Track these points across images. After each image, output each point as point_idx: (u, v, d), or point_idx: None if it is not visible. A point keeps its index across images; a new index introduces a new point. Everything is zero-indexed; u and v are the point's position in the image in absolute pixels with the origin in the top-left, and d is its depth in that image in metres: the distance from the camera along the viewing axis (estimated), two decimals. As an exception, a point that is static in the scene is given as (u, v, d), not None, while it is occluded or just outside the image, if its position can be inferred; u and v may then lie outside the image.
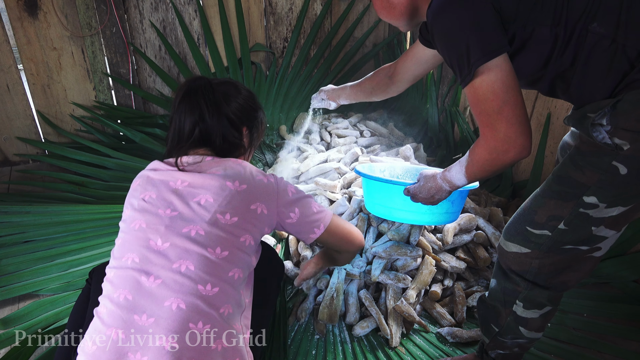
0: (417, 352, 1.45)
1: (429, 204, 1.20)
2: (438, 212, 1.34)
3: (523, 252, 1.06)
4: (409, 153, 2.06)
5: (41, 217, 1.87)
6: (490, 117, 0.91)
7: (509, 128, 0.90)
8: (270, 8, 2.66)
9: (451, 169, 1.09)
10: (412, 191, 1.22)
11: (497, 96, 0.89)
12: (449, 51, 0.93)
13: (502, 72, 0.89)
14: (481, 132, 0.95)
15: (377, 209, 1.45)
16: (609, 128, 0.90)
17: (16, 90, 2.28)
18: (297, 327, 1.53)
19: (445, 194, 1.15)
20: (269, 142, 2.55)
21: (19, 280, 1.64)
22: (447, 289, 1.64)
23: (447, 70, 2.44)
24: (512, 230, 1.09)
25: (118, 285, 0.96)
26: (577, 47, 0.90)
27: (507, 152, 0.92)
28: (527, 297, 1.10)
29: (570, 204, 0.98)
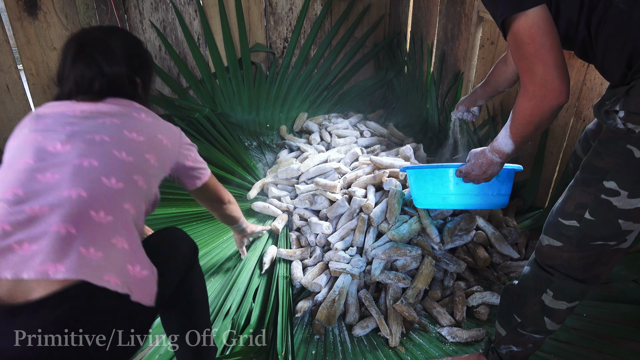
0: (417, 352, 1.45)
1: (482, 181, 1.22)
2: (491, 193, 1.36)
3: (555, 245, 1.08)
4: (409, 153, 2.06)
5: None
6: (528, 61, 0.92)
7: (545, 70, 0.91)
8: (270, 8, 2.66)
9: (498, 137, 1.10)
10: (464, 171, 1.24)
11: (533, 39, 0.90)
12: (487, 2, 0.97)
13: (539, 18, 0.90)
14: (521, 80, 0.97)
15: (429, 199, 1.45)
16: (623, 114, 0.92)
17: (16, 91, 2.28)
18: (297, 327, 1.53)
19: (498, 166, 1.16)
20: (269, 142, 2.55)
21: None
22: (447, 288, 1.64)
23: (447, 70, 2.45)
24: (548, 224, 1.11)
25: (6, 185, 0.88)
26: (600, 20, 0.92)
27: (545, 97, 0.93)
28: (559, 286, 1.11)
29: (592, 189, 1.01)
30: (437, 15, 2.44)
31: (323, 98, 2.86)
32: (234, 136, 2.50)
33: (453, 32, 2.31)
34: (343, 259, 1.64)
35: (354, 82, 2.94)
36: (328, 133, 2.44)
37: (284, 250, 1.76)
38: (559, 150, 1.83)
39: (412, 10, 2.71)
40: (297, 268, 1.69)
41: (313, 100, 2.83)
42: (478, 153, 1.20)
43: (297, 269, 1.69)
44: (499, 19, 0.95)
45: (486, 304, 1.57)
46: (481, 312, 1.55)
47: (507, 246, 1.69)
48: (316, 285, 1.59)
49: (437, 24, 2.46)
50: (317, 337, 1.50)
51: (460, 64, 2.30)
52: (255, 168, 2.32)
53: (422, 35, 2.62)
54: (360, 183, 1.89)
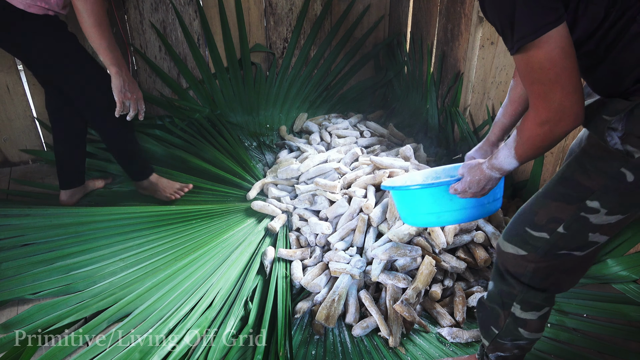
0: (417, 352, 1.45)
1: (480, 196, 1.15)
2: (487, 201, 1.28)
3: (520, 254, 1.06)
4: (409, 153, 2.06)
5: (41, 219, 1.87)
6: (544, 86, 0.84)
7: (564, 97, 0.83)
8: (270, 8, 2.66)
9: (498, 155, 1.03)
10: (460, 188, 1.14)
11: (554, 64, 0.82)
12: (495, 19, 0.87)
13: (561, 38, 0.82)
14: (531, 104, 0.89)
15: (422, 219, 1.33)
16: (622, 134, 0.87)
17: (16, 91, 2.28)
18: (296, 327, 1.53)
19: (496, 181, 1.10)
20: (269, 143, 2.55)
21: (19, 284, 1.63)
22: (447, 289, 1.64)
23: (447, 70, 2.45)
24: (511, 231, 1.08)
25: None
26: (618, 34, 0.85)
27: (560, 122, 0.86)
28: (523, 299, 1.10)
29: (572, 207, 0.97)
30: (437, 15, 2.44)
31: (323, 98, 2.86)
32: (234, 136, 2.50)
33: (453, 32, 2.31)
34: (343, 259, 1.64)
35: (354, 83, 2.94)
36: (328, 133, 2.44)
37: (284, 250, 1.76)
38: (559, 150, 1.83)
39: (412, 11, 2.71)
40: (297, 268, 1.69)
41: (313, 101, 2.83)
42: (473, 168, 1.11)
43: (297, 269, 1.69)
44: (515, 44, 0.84)
45: (486, 304, 1.57)
46: (481, 312, 1.55)
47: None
48: (316, 286, 1.59)
49: (437, 24, 2.46)
50: (316, 338, 1.50)
51: (460, 64, 2.30)
52: (255, 168, 2.32)
53: (422, 35, 2.62)
54: (360, 183, 1.89)
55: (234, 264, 1.76)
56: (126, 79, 1.66)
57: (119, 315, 1.54)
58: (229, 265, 1.76)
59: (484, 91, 2.18)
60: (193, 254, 1.78)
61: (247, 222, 1.98)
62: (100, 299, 1.59)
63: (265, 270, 1.72)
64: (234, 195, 2.16)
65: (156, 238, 1.85)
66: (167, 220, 1.94)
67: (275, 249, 1.79)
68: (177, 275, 1.69)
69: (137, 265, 1.74)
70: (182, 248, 1.82)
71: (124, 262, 1.75)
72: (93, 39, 1.55)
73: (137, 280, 1.67)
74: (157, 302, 1.59)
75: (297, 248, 1.82)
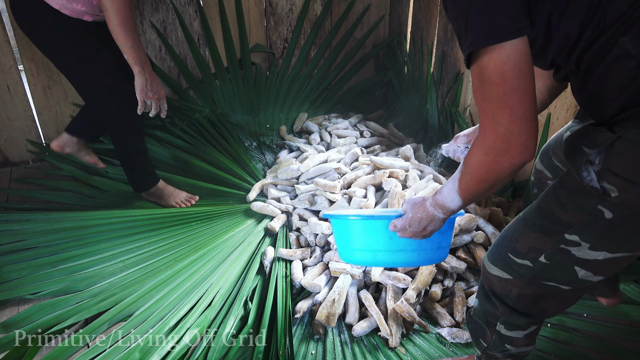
0: (417, 352, 1.45)
1: (421, 237, 1.03)
2: (430, 247, 1.13)
3: (505, 277, 1.02)
4: (409, 153, 2.06)
5: (42, 223, 1.87)
6: (492, 105, 0.77)
7: (512, 121, 0.76)
8: (270, 8, 2.66)
9: (442, 190, 0.94)
10: (399, 226, 1.02)
11: (505, 80, 0.74)
12: (453, 20, 0.81)
13: (517, 54, 0.74)
14: (480, 125, 0.82)
15: (356, 255, 1.18)
16: (599, 169, 0.80)
17: (16, 91, 2.28)
18: (296, 327, 1.53)
19: (439, 222, 0.99)
20: (269, 143, 2.55)
21: (20, 285, 1.64)
22: (447, 289, 1.64)
23: (447, 70, 2.45)
24: (495, 254, 1.03)
25: None
26: (597, 55, 0.78)
27: (506, 152, 0.78)
28: (506, 320, 1.07)
29: (551, 239, 0.92)
30: (437, 15, 2.44)
31: (323, 98, 2.86)
32: (234, 136, 2.50)
33: (453, 32, 2.31)
34: (343, 259, 1.64)
35: (354, 83, 2.94)
36: (328, 133, 2.44)
37: (284, 250, 1.76)
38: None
39: (412, 11, 2.71)
40: (297, 268, 1.69)
41: (313, 101, 2.83)
42: (417, 204, 0.99)
43: (297, 268, 1.69)
44: (466, 49, 0.77)
45: (486, 304, 1.57)
46: (481, 312, 1.55)
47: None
48: (316, 286, 1.59)
49: (437, 24, 2.46)
50: (316, 337, 1.50)
51: (461, 64, 2.30)
52: (255, 168, 2.32)
53: (422, 35, 2.62)
54: (360, 183, 1.89)
55: (234, 264, 1.77)
56: (149, 78, 1.66)
57: (121, 317, 1.54)
58: (229, 265, 1.76)
59: (484, 91, 2.18)
60: (193, 255, 1.78)
61: (247, 222, 1.99)
62: (101, 299, 1.59)
63: (265, 270, 1.72)
64: (234, 196, 2.16)
65: (156, 240, 1.85)
66: (167, 222, 1.94)
67: (275, 249, 1.79)
68: (178, 276, 1.70)
69: (138, 265, 1.74)
70: (182, 249, 1.82)
71: (124, 263, 1.75)
72: (118, 37, 1.56)
73: (137, 282, 1.67)
74: (157, 302, 1.59)
75: (297, 248, 1.82)
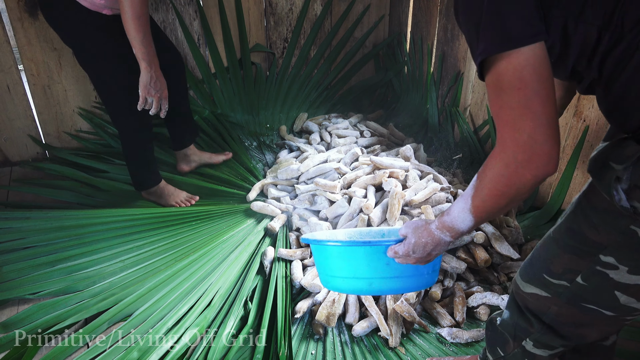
0: (417, 352, 1.45)
1: (424, 263, 0.96)
2: (427, 272, 1.06)
3: (543, 295, 0.94)
4: (409, 153, 2.06)
5: (42, 222, 1.87)
6: (513, 112, 0.71)
7: (536, 129, 0.71)
8: (270, 8, 2.66)
9: (451, 210, 0.87)
10: (402, 252, 0.95)
11: (526, 84, 0.70)
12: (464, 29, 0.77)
13: (535, 58, 0.70)
14: (498, 137, 0.75)
15: (348, 283, 1.08)
16: (627, 186, 0.74)
17: (16, 91, 2.28)
18: (296, 327, 1.53)
19: (445, 246, 0.92)
20: (269, 143, 2.55)
21: (19, 285, 1.64)
22: (447, 289, 1.64)
23: (447, 70, 2.45)
24: (529, 274, 0.97)
25: None
26: (619, 62, 0.74)
27: (529, 163, 0.72)
28: (539, 339, 0.99)
29: (585, 261, 0.85)
30: (437, 15, 2.44)
31: (323, 98, 2.86)
32: (234, 136, 2.50)
33: (453, 32, 2.31)
34: (343, 259, 1.64)
35: (354, 82, 2.94)
36: (328, 133, 2.44)
37: (284, 250, 1.76)
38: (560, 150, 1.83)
39: (412, 11, 2.71)
40: (297, 268, 1.69)
41: (313, 101, 2.83)
42: (419, 228, 0.93)
43: (297, 268, 1.69)
44: (478, 56, 0.73)
45: (487, 304, 1.57)
46: (481, 312, 1.55)
47: (507, 246, 1.68)
48: (316, 286, 1.59)
49: (437, 24, 2.46)
50: (316, 337, 1.50)
51: (460, 64, 2.30)
52: (255, 168, 2.32)
53: (422, 35, 2.62)
54: (360, 183, 1.89)
55: (234, 264, 1.77)
56: (154, 76, 1.66)
57: (120, 316, 1.54)
58: (228, 265, 1.76)
59: (484, 91, 2.18)
60: (193, 255, 1.78)
61: (247, 222, 1.99)
62: (101, 299, 1.59)
63: (265, 270, 1.72)
64: (234, 196, 2.16)
65: (156, 240, 1.85)
66: (167, 222, 1.94)
67: (275, 249, 1.79)
68: (177, 276, 1.70)
69: (138, 265, 1.74)
70: (182, 249, 1.82)
71: (124, 263, 1.75)
72: (129, 30, 1.56)
73: (137, 281, 1.67)
74: (157, 302, 1.59)
75: (297, 248, 1.82)
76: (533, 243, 1.76)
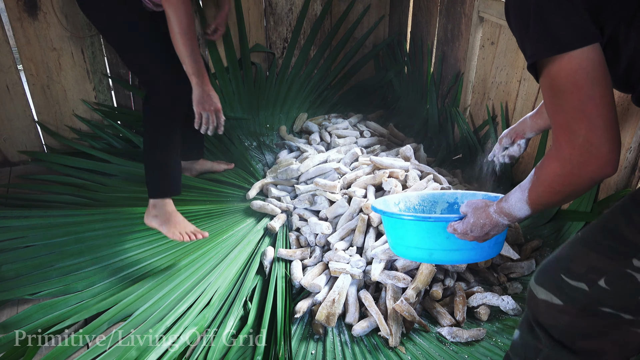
0: (417, 352, 1.45)
1: (482, 241, 1.01)
2: (487, 245, 1.11)
3: (554, 302, 0.89)
4: (409, 153, 2.06)
5: (41, 221, 1.86)
6: (567, 115, 0.72)
7: (591, 132, 0.71)
8: (270, 8, 2.66)
9: (509, 198, 0.90)
10: (460, 230, 1.01)
11: (579, 89, 0.70)
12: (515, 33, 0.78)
13: (588, 61, 0.70)
14: (554, 138, 0.76)
15: (412, 252, 1.20)
16: None
17: (16, 91, 2.28)
18: (296, 327, 1.53)
19: (502, 228, 0.95)
20: (269, 143, 2.55)
21: (19, 285, 1.63)
22: (448, 288, 1.64)
23: (447, 70, 2.44)
24: (545, 275, 0.93)
25: None
26: None
27: (585, 165, 0.72)
28: (547, 356, 0.92)
29: (615, 262, 0.82)
30: (437, 15, 2.44)
31: (323, 98, 2.86)
32: (234, 136, 2.50)
33: (453, 32, 2.31)
34: (343, 259, 1.64)
35: (354, 83, 2.94)
36: (328, 133, 2.44)
37: (284, 250, 1.76)
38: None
39: (412, 11, 2.71)
40: (297, 268, 1.69)
41: (313, 101, 2.83)
42: (479, 209, 0.97)
43: (297, 268, 1.68)
44: (528, 60, 0.75)
45: (487, 304, 1.57)
46: (481, 312, 1.55)
47: (507, 247, 1.68)
48: (316, 286, 1.59)
49: (437, 24, 2.46)
50: (316, 337, 1.50)
51: (461, 65, 2.30)
52: (255, 169, 2.32)
53: (422, 35, 2.62)
54: (360, 183, 1.89)
55: (233, 264, 1.76)
56: (206, 90, 1.66)
57: (120, 317, 1.54)
58: (228, 264, 1.76)
59: (484, 91, 2.18)
60: (192, 255, 1.78)
61: (247, 221, 1.98)
62: (100, 299, 1.59)
63: (264, 270, 1.72)
64: (234, 195, 2.16)
65: (156, 239, 1.85)
66: (167, 220, 1.94)
67: (275, 249, 1.78)
68: (177, 276, 1.69)
69: (137, 265, 1.74)
70: (181, 248, 1.82)
71: (124, 262, 1.75)
72: (177, 46, 1.57)
73: (137, 281, 1.67)
74: (157, 302, 1.59)
75: (297, 248, 1.82)
76: (533, 243, 1.76)
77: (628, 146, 1.50)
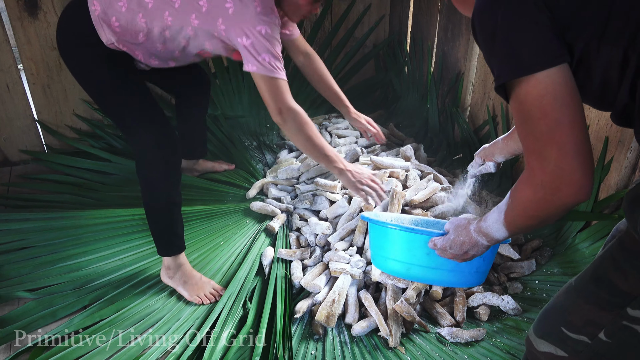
0: (417, 352, 1.45)
1: (461, 261, 0.98)
2: (468, 270, 1.09)
3: (559, 355, 0.85)
4: (409, 153, 2.06)
5: (41, 222, 1.86)
6: (537, 141, 0.70)
7: (561, 158, 0.68)
8: (270, 8, 2.66)
9: (487, 217, 0.88)
10: (440, 245, 0.99)
11: (546, 114, 0.68)
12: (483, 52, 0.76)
13: (555, 85, 0.68)
14: (527, 162, 0.74)
15: (389, 265, 1.18)
16: None
17: (16, 90, 2.28)
18: (296, 327, 1.53)
19: (482, 249, 0.93)
20: (269, 142, 2.55)
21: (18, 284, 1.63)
22: (448, 288, 1.64)
23: (447, 70, 2.44)
24: (544, 327, 0.89)
25: None
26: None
27: (558, 191, 0.70)
28: None
29: (610, 314, 0.79)
30: (438, 15, 2.44)
31: (323, 98, 2.85)
32: (234, 136, 2.50)
33: (453, 32, 2.31)
34: (343, 259, 1.64)
35: (354, 83, 2.94)
36: (328, 133, 2.44)
37: (284, 250, 1.75)
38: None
39: (412, 11, 2.71)
40: (297, 268, 1.69)
41: (313, 101, 2.83)
42: (460, 227, 0.95)
43: (297, 268, 1.68)
44: (495, 81, 0.72)
45: (487, 304, 1.57)
46: (481, 312, 1.55)
47: (507, 247, 1.68)
48: (316, 286, 1.59)
49: (437, 24, 2.46)
50: (316, 338, 1.50)
51: (461, 65, 2.30)
52: (255, 168, 2.32)
53: (422, 35, 2.61)
54: (361, 183, 1.89)
55: (233, 264, 1.76)
56: (350, 168, 1.65)
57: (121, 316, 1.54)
58: (227, 265, 1.76)
59: (484, 91, 2.18)
60: (192, 255, 1.78)
61: (246, 222, 1.98)
62: (100, 298, 1.59)
63: (264, 270, 1.72)
64: (233, 195, 2.16)
65: (156, 238, 1.85)
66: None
67: (275, 249, 1.78)
68: (177, 275, 1.69)
69: (137, 264, 1.74)
70: (181, 248, 1.82)
71: (123, 262, 1.75)
72: (305, 152, 1.65)
73: (137, 281, 1.67)
74: (157, 302, 1.59)
75: (297, 248, 1.82)
76: (533, 243, 1.76)
77: (628, 146, 1.49)
